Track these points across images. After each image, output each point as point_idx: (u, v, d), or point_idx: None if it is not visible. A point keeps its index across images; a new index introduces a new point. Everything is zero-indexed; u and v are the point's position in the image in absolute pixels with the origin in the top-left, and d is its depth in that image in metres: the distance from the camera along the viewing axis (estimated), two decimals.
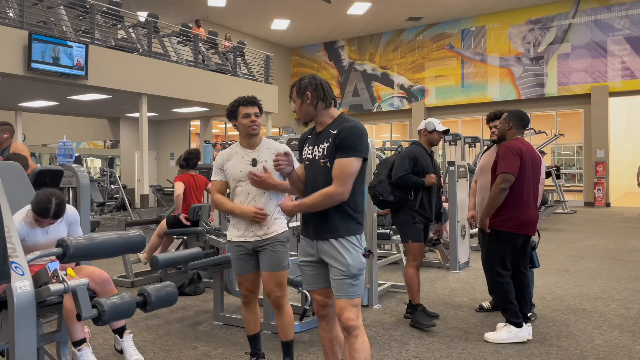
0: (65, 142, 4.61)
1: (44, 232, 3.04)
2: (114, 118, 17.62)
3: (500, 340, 3.75)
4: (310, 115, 2.63)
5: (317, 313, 2.73)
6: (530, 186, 3.76)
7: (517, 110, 3.93)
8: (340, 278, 2.49)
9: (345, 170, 2.46)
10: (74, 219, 3.22)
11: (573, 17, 16.41)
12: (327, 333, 2.72)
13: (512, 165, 3.65)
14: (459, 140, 9.43)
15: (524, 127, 3.88)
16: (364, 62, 20.22)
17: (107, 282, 3.08)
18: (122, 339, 3.26)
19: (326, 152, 2.54)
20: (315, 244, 2.59)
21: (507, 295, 3.79)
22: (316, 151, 2.60)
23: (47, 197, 2.88)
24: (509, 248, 3.78)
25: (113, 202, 12.79)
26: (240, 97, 3.17)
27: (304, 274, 2.70)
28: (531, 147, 3.85)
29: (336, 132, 2.52)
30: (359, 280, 2.52)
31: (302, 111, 2.63)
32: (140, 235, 2.42)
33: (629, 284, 5.54)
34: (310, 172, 2.64)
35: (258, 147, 3.17)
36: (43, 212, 2.88)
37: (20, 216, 2.98)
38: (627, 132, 20.98)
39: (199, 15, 16.75)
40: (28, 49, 9.51)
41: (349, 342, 2.49)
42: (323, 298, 2.67)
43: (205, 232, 5.48)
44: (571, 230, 10.34)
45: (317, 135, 2.63)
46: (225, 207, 3.12)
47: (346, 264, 2.48)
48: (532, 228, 3.79)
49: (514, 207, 3.71)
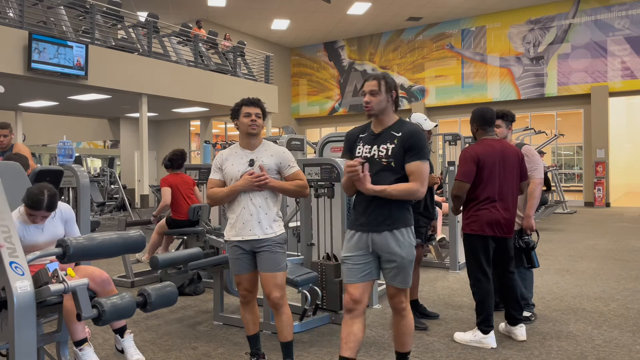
0: (65, 142, 4.61)
1: (40, 230, 3.04)
2: (114, 118, 17.62)
3: (464, 341, 3.77)
4: (381, 112, 2.78)
5: (346, 306, 2.80)
6: (495, 187, 3.68)
7: (478, 109, 3.85)
8: (393, 268, 2.75)
9: (423, 172, 2.72)
10: (69, 216, 3.22)
11: (573, 17, 16.41)
12: (348, 327, 2.79)
13: (465, 172, 3.68)
14: (459, 140, 9.42)
15: (490, 124, 3.80)
16: (364, 62, 20.22)
17: (107, 282, 3.08)
18: (122, 339, 3.26)
19: (390, 152, 2.74)
20: (370, 237, 2.75)
21: (481, 300, 3.72)
22: (375, 150, 2.78)
23: (39, 189, 2.90)
24: (479, 250, 3.73)
25: (113, 202, 12.79)
26: (245, 98, 3.20)
27: (346, 266, 2.82)
28: (500, 146, 3.74)
29: (401, 135, 2.74)
30: (410, 270, 2.79)
31: (380, 105, 2.77)
32: (140, 235, 2.42)
33: (629, 284, 5.54)
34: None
35: (257, 148, 3.17)
36: (36, 204, 2.88)
37: (14, 216, 2.97)
38: (627, 132, 20.99)
39: (199, 15, 16.74)
40: (28, 49, 9.51)
41: (396, 319, 2.88)
42: (358, 293, 2.77)
43: (205, 232, 5.48)
44: (571, 230, 10.34)
45: (376, 136, 2.81)
46: (222, 193, 3.12)
47: (401, 256, 2.73)
48: (499, 229, 3.68)
49: (475, 209, 3.71)
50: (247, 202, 3.08)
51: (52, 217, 3.10)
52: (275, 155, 3.16)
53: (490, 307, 3.72)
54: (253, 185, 3.03)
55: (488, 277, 3.74)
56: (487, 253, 3.74)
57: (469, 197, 3.75)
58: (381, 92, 2.76)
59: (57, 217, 3.15)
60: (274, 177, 3.13)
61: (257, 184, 3.03)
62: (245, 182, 3.04)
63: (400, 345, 2.92)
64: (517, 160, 3.79)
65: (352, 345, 2.74)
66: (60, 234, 3.13)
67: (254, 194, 3.08)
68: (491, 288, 3.74)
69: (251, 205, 3.08)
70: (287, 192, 3.18)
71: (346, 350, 2.74)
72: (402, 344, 2.91)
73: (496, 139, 3.84)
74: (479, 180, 3.70)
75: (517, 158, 3.80)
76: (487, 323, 3.70)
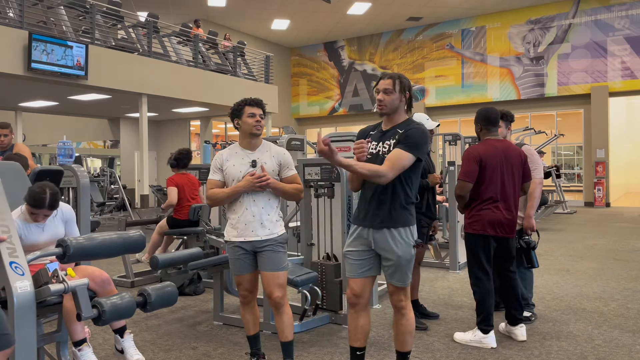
0: (65, 142, 4.60)
1: (40, 230, 3.04)
2: (114, 118, 17.62)
3: (464, 341, 3.77)
4: (394, 111, 2.81)
5: (349, 300, 2.89)
6: (497, 187, 3.70)
7: (483, 109, 3.89)
8: (391, 265, 2.77)
9: (399, 160, 2.68)
10: (69, 217, 3.22)
11: (573, 17, 16.41)
12: (354, 320, 2.89)
13: (467, 171, 3.69)
14: (459, 140, 9.42)
15: (494, 124, 3.83)
16: (364, 62, 20.22)
17: (107, 282, 3.08)
18: (122, 339, 3.25)
19: (392, 147, 2.75)
20: (370, 233, 2.78)
21: (482, 299, 3.73)
22: (380, 147, 2.80)
23: (41, 188, 2.91)
24: (480, 250, 3.74)
25: (113, 202, 12.79)
26: (247, 98, 3.18)
27: (348, 261, 2.88)
28: (502, 146, 3.77)
29: (403, 131, 2.76)
30: (409, 269, 2.79)
31: (393, 104, 2.79)
32: (140, 235, 2.42)
33: (629, 284, 5.54)
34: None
35: (258, 148, 3.17)
36: (38, 202, 2.89)
37: (15, 215, 2.98)
38: (627, 132, 20.99)
39: (199, 15, 16.74)
40: (28, 49, 9.51)
41: (397, 318, 2.88)
42: (359, 287, 2.85)
43: (205, 232, 5.48)
44: (571, 230, 10.34)
45: (383, 133, 2.84)
46: (223, 194, 3.10)
47: (397, 255, 2.73)
48: (501, 228, 3.70)
49: (477, 209, 3.72)
50: (250, 203, 3.08)
51: (53, 217, 3.10)
52: (276, 156, 3.16)
53: (490, 306, 3.72)
54: (255, 186, 3.03)
55: (489, 277, 3.75)
56: (489, 252, 3.75)
57: (471, 196, 3.76)
58: (395, 91, 2.78)
59: (58, 217, 3.15)
60: (274, 178, 3.13)
61: (259, 185, 3.02)
62: (246, 183, 3.03)
63: (400, 345, 2.93)
64: (519, 161, 3.81)
65: (360, 336, 2.90)
66: (61, 233, 3.13)
67: (256, 195, 3.08)
68: (492, 287, 3.75)
69: (253, 206, 3.08)
70: (286, 195, 3.18)
71: (355, 341, 2.90)
72: (402, 343, 2.91)
73: (499, 139, 3.84)
74: (481, 180, 3.71)
75: (520, 159, 3.82)
76: (487, 322, 3.70)
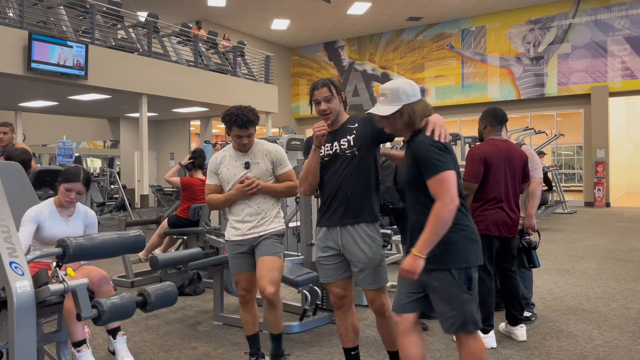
0: (65, 142, 4.61)
1: (64, 223, 3.12)
2: (114, 118, 17.62)
3: None
4: (338, 114, 2.84)
5: (334, 304, 2.89)
6: (501, 187, 3.70)
7: (491, 107, 3.92)
8: (362, 270, 2.73)
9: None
10: (92, 221, 3.31)
11: (573, 17, 16.41)
12: (343, 322, 2.90)
13: (473, 172, 3.68)
14: (459, 140, 9.44)
15: (500, 123, 3.85)
16: (364, 62, 20.22)
17: (105, 281, 3.08)
18: (115, 340, 3.24)
19: (353, 142, 2.78)
20: (337, 234, 2.76)
21: (482, 299, 3.68)
22: (337, 145, 2.81)
23: (76, 167, 3.16)
24: (484, 249, 3.74)
25: (113, 202, 12.79)
26: (237, 114, 3.03)
27: (322, 268, 2.87)
28: (505, 146, 3.78)
29: (357, 126, 2.80)
30: (381, 268, 2.75)
31: (336, 110, 2.83)
32: (140, 235, 2.41)
33: (629, 284, 5.54)
34: (331, 167, 2.81)
35: (250, 149, 3.20)
36: (73, 176, 3.07)
37: (44, 204, 3.12)
38: (627, 132, 20.98)
39: (199, 15, 16.74)
40: (28, 49, 9.51)
41: (381, 322, 2.84)
42: (340, 290, 2.85)
43: (205, 232, 5.48)
44: (571, 230, 10.34)
45: (333, 133, 2.84)
46: (219, 200, 3.19)
47: (367, 256, 2.72)
48: (505, 229, 3.71)
49: (481, 209, 3.72)
50: (246, 205, 3.15)
51: (78, 214, 3.21)
52: (269, 155, 3.20)
53: (491, 306, 3.72)
54: (246, 194, 3.10)
55: (491, 277, 3.76)
56: (491, 252, 3.76)
57: (475, 197, 3.75)
58: (334, 96, 2.80)
59: (82, 216, 3.24)
60: (269, 177, 3.18)
61: (250, 192, 3.09)
62: (237, 192, 3.11)
63: (391, 345, 2.89)
64: (520, 162, 3.82)
65: (352, 336, 2.90)
66: (80, 234, 3.14)
67: (251, 196, 3.14)
68: (493, 287, 3.76)
69: (250, 207, 3.15)
70: (278, 195, 3.24)
71: (348, 342, 2.90)
72: (393, 344, 2.85)
73: (502, 139, 3.85)
74: (485, 180, 3.70)
75: (521, 159, 3.84)
76: (488, 322, 3.70)
